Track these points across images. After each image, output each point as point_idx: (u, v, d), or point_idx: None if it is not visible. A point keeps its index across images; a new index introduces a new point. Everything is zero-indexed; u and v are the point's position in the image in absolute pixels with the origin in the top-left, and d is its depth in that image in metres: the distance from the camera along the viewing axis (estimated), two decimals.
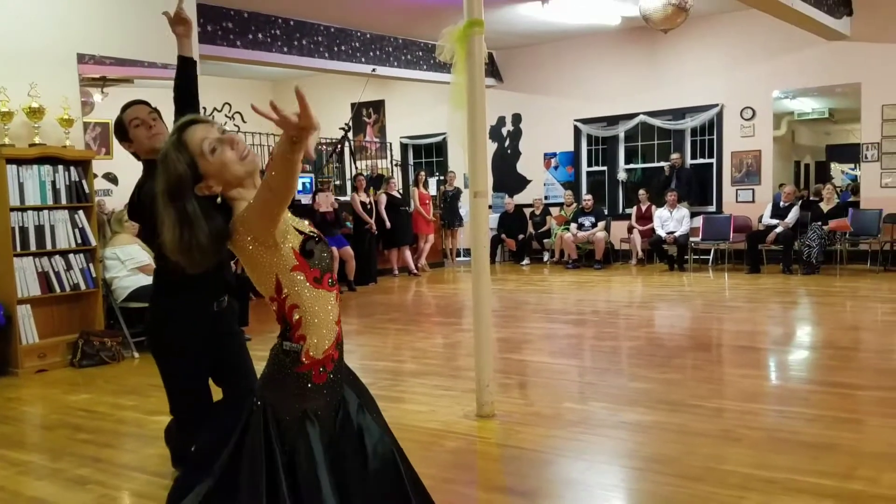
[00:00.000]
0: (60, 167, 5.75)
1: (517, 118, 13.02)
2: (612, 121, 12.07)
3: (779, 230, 9.90)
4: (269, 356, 1.90)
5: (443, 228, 12.42)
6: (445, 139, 13.51)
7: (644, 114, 11.64)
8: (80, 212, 5.87)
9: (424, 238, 11.80)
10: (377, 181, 11.76)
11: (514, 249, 12.44)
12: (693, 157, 11.61)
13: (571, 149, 12.57)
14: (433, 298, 9.40)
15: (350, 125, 12.23)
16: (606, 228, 11.57)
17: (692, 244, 10.75)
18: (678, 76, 11.30)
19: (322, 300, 1.86)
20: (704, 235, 10.70)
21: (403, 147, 14.32)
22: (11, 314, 5.49)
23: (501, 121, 13.10)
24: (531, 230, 12.43)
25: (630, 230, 11.53)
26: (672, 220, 10.86)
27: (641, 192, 11.51)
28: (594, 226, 11.50)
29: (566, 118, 12.42)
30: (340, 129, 11.70)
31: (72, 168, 5.83)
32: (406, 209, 11.47)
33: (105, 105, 7.74)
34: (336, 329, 1.90)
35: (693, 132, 11.53)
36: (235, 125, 11.20)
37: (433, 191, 12.77)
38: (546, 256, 12.35)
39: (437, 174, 13.42)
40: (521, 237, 12.33)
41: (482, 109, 4.04)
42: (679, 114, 11.44)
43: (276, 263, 1.81)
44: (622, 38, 11.54)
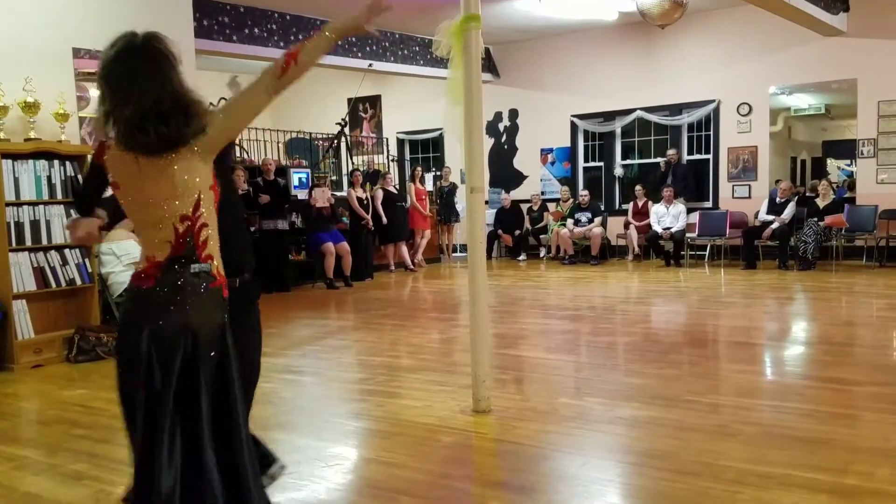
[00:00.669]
0: (56, 162, 5.74)
1: (514, 114, 13.01)
2: (609, 116, 12.07)
3: (775, 226, 9.92)
4: (171, 289, 1.98)
5: (439, 224, 12.42)
6: (442, 134, 13.50)
7: (641, 109, 11.64)
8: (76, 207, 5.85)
9: (421, 233, 11.80)
10: (374, 176, 11.75)
11: (511, 245, 12.44)
12: (690, 153, 11.62)
13: (568, 144, 12.57)
14: (429, 294, 9.41)
15: (346, 120, 12.21)
16: (603, 224, 11.57)
17: (688, 240, 10.76)
18: (675, 72, 11.30)
19: (216, 222, 2.03)
20: (701, 231, 10.72)
21: (400, 142, 14.31)
22: (7, 309, 5.48)
23: (498, 116, 13.09)
24: (528, 226, 12.44)
25: (626, 226, 11.54)
26: (668, 216, 10.87)
27: (638, 188, 11.52)
28: (591, 221, 11.51)
29: (563, 114, 12.41)
30: (337, 125, 11.68)
31: (67, 163, 5.81)
32: (402, 205, 11.46)
33: None
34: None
35: (690, 128, 11.54)
36: None
37: (430, 186, 12.76)
38: (543, 252, 12.36)
39: (434, 170, 13.41)
40: (518, 233, 12.33)
41: (479, 105, 4.03)
42: (676, 109, 11.45)
43: (204, 180, 1.96)
44: (619, 34, 11.53)
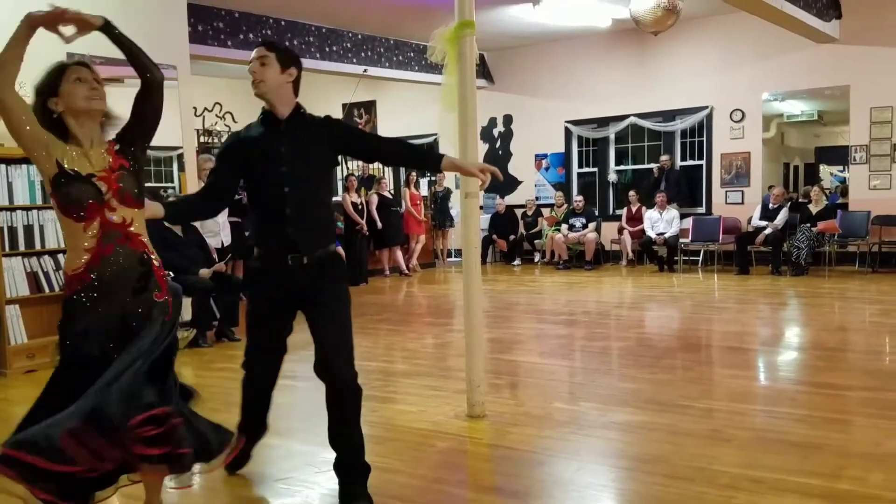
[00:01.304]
0: None
1: (508, 119, 13.04)
2: (603, 122, 12.11)
3: (768, 232, 9.96)
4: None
5: (434, 229, 12.43)
6: (437, 140, 13.52)
7: (634, 115, 11.69)
8: None
9: (415, 238, 11.81)
10: (368, 182, 11.76)
11: (505, 250, 12.46)
12: (683, 159, 11.67)
13: (562, 150, 12.61)
14: (424, 299, 9.41)
15: None
16: (597, 229, 11.61)
17: (682, 245, 10.80)
18: (668, 78, 11.36)
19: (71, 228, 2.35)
20: (694, 236, 10.75)
21: None
22: (0, 314, 5.46)
23: (492, 122, 13.12)
24: (522, 231, 12.46)
25: (620, 231, 11.57)
26: (662, 222, 10.90)
27: (632, 194, 11.56)
28: (585, 227, 11.53)
29: (557, 119, 12.45)
30: None
31: None
32: (397, 209, 11.47)
33: None
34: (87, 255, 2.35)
35: (683, 134, 11.59)
36: (226, 125, 11.16)
37: (424, 191, 12.77)
38: (537, 257, 12.37)
39: (429, 175, 13.42)
40: (513, 238, 12.35)
41: (473, 111, 4.04)
42: (669, 115, 11.49)
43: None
44: (613, 40, 11.58)
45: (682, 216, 10.94)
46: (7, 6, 5.68)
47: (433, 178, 12.81)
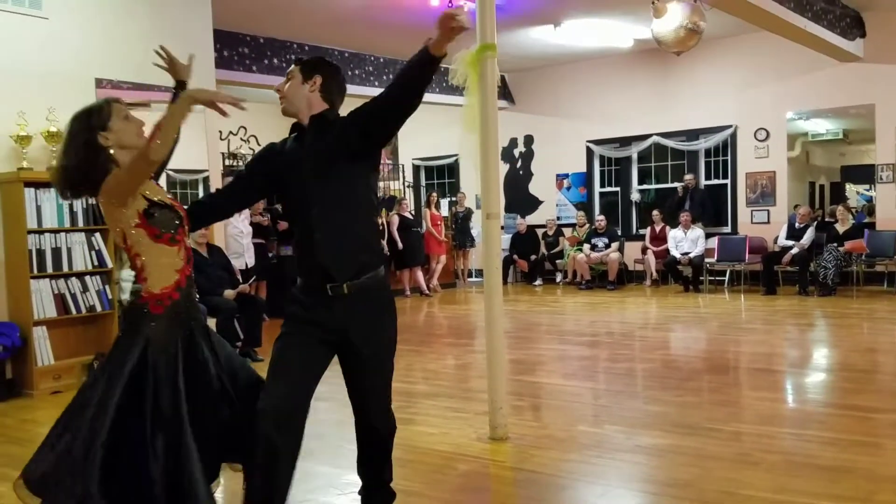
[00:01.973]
0: None
1: (529, 139, 13.06)
2: (625, 142, 12.08)
3: (794, 252, 9.84)
4: None
5: (454, 249, 12.44)
6: (457, 160, 13.56)
7: (657, 135, 11.65)
8: (97, 234, 5.93)
9: (436, 259, 11.82)
10: (389, 202, 11.81)
11: (526, 270, 12.42)
12: (707, 178, 11.59)
13: (584, 170, 12.58)
14: (445, 319, 9.39)
15: None
16: (620, 249, 11.54)
17: (707, 265, 10.69)
18: (691, 97, 11.32)
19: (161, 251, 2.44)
20: (720, 256, 10.65)
21: (416, 168, 14.39)
22: (27, 336, 5.53)
23: (513, 142, 13.14)
24: (543, 251, 12.42)
25: (644, 251, 11.49)
26: (686, 241, 10.82)
27: (655, 213, 11.49)
28: (607, 246, 11.47)
29: (578, 139, 12.44)
30: None
31: None
32: (418, 230, 11.49)
33: None
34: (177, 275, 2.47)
35: (707, 153, 11.52)
36: (251, 148, 11.29)
37: (445, 212, 12.80)
38: (559, 277, 12.32)
39: (449, 195, 13.46)
40: (534, 258, 12.32)
41: (495, 133, 4.06)
42: (692, 135, 11.44)
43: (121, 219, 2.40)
44: (635, 60, 11.58)
45: (707, 236, 10.84)
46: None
47: (454, 199, 12.84)
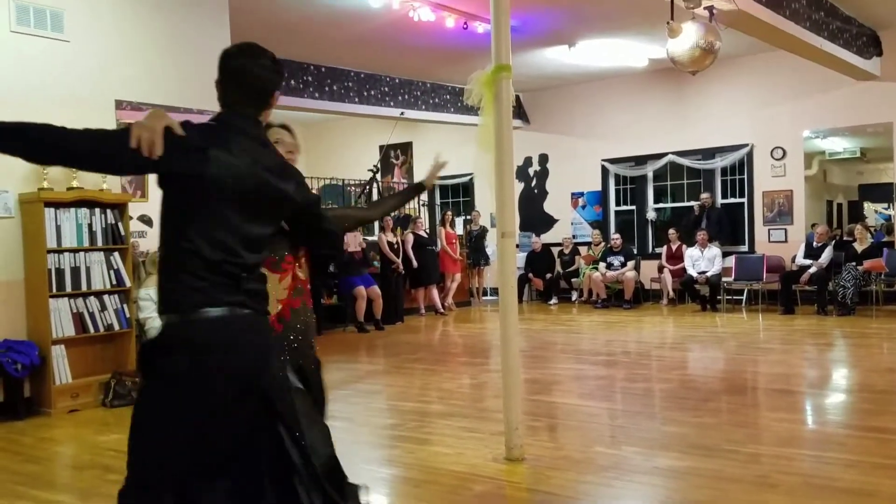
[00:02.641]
0: (97, 210, 5.88)
1: (544, 158, 13.07)
2: (641, 160, 12.07)
3: (813, 271, 9.75)
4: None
5: (469, 267, 12.43)
6: (472, 179, 13.59)
7: (673, 153, 11.63)
8: (116, 253, 5.99)
9: (451, 277, 11.82)
10: (404, 221, 11.84)
11: (542, 289, 12.39)
12: (724, 197, 11.54)
13: (599, 188, 12.57)
14: (460, 338, 9.37)
15: (378, 167, 12.34)
16: (636, 268, 11.48)
17: (724, 284, 10.61)
18: (707, 116, 11.30)
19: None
20: (737, 275, 10.57)
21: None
22: (46, 354, 5.57)
23: (528, 161, 13.16)
24: (559, 269, 12.39)
25: (661, 270, 11.43)
26: (703, 260, 10.75)
27: (671, 232, 11.43)
28: (623, 265, 11.43)
29: (593, 158, 12.44)
30: (369, 171, 11.81)
31: (108, 211, 5.96)
32: (433, 248, 11.51)
33: None
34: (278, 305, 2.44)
35: (723, 172, 11.48)
36: None
37: (459, 230, 12.81)
38: (574, 296, 12.27)
39: (464, 214, 13.47)
40: (549, 276, 12.29)
41: (510, 153, 4.07)
42: (708, 153, 11.41)
43: None
44: (649, 80, 11.59)
45: (724, 254, 10.77)
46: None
47: (468, 217, 12.85)
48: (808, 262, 9.89)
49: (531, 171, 13.21)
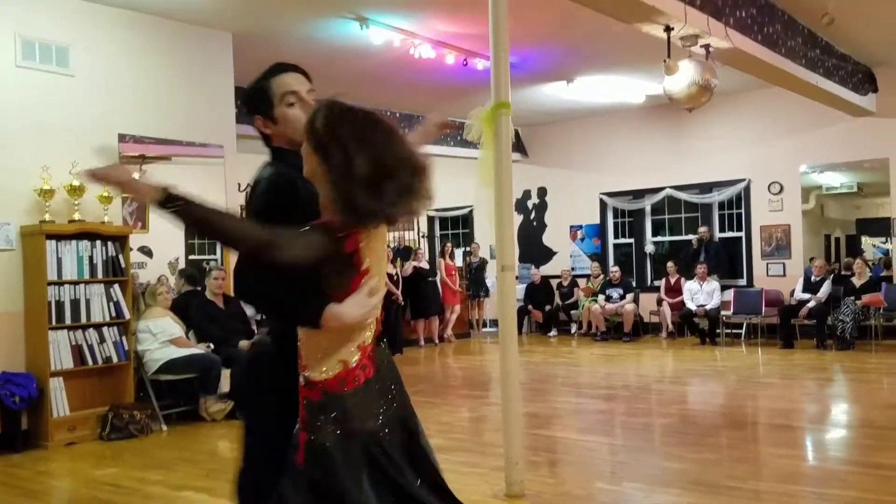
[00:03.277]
0: (98, 242, 5.91)
1: (542, 191, 13.15)
2: (639, 194, 12.14)
3: (811, 305, 9.76)
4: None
5: (469, 299, 12.44)
6: (471, 211, 13.66)
7: (671, 187, 11.70)
8: (116, 285, 6.00)
9: (450, 308, 11.82)
10: (404, 253, 11.87)
11: (541, 321, 12.38)
12: (722, 231, 11.59)
13: (597, 221, 12.62)
14: (459, 370, 9.34)
15: None
16: (635, 300, 11.49)
17: (723, 318, 10.61)
18: (704, 151, 11.40)
19: None
20: (736, 309, 10.57)
21: (430, 219, 14.50)
22: (44, 387, 5.55)
23: (527, 194, 13.24)
24: (558, 301, 12.39)
25: (659, 302, 11.43)
26: (702, 293, 10.76)
27: (670, 265, 11.46)
28: (622, 298, 11.43)
29: (592, 191, 12.51)
30: None
31: (109, 243, 5.98)
32: (433, 280, 11.52)
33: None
34: None
35: (721, 206, 11.55)
36: None
37: (459, 262, 12.84)
38: (573, 328, 12.25)
39: (464, 246, 13.52)
40: (548, 308, 12.28)
41: (509, 188, 4.12)
42: (706, 188, 11.49)
43: None
44: (647, 115, 11.71)
45: (723, 288, 10.79)
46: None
47: (468, 249, 12.89)
48: (807, 297, 9.90)
49: (530, 204, 13.28)
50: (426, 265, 11.67)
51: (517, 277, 10.36)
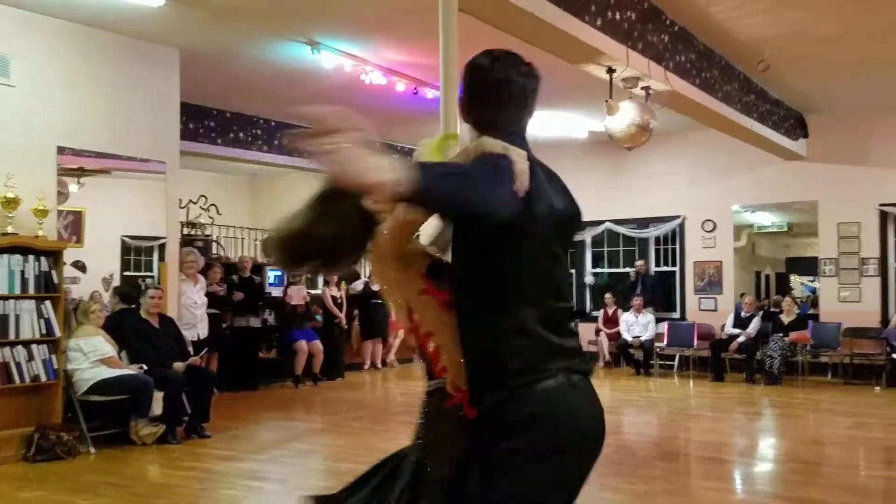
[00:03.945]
0: (31, 257, 5.72)
1: None
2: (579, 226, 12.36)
3: (741, 340, 10.07)
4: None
5: None
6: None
7: (610, 221, 11.97)
8: (48, 302, 5.81)
9: (394, 333, 11.78)
10: (350, 276, 11.80)
11: None
12: (657, 265, 11.90)
13: None
14: (401, 396, 9.30)
15: None
16: None
17: (657, 349, 10.86)
18: (642, 187, 11.71)
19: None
20: (669, 341, 10.84)
21: None
22: None
23: None
24: None
25: (597, 333, 11.63)
26: (638, 325, 11.00)
27: (608, 296, 11.69)
28: None
29: None
30: None
31: (42, 258, 5.80)
32: (382, 302, 11.47)
33: (80, 195, 7.76)
34: None
35: (657, 241, 11.87)
36: (210, 217, 11.27)
37: None
38: None
39: None
40: None
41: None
42: (643, 223, 11.79)
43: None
44: (589, 150, 11.95)
45: (658, 320, 11.06)
46: None
47: None
48: (737, 332, 10.23)
49: None
50: (375, 287, 11.62)
51: None
